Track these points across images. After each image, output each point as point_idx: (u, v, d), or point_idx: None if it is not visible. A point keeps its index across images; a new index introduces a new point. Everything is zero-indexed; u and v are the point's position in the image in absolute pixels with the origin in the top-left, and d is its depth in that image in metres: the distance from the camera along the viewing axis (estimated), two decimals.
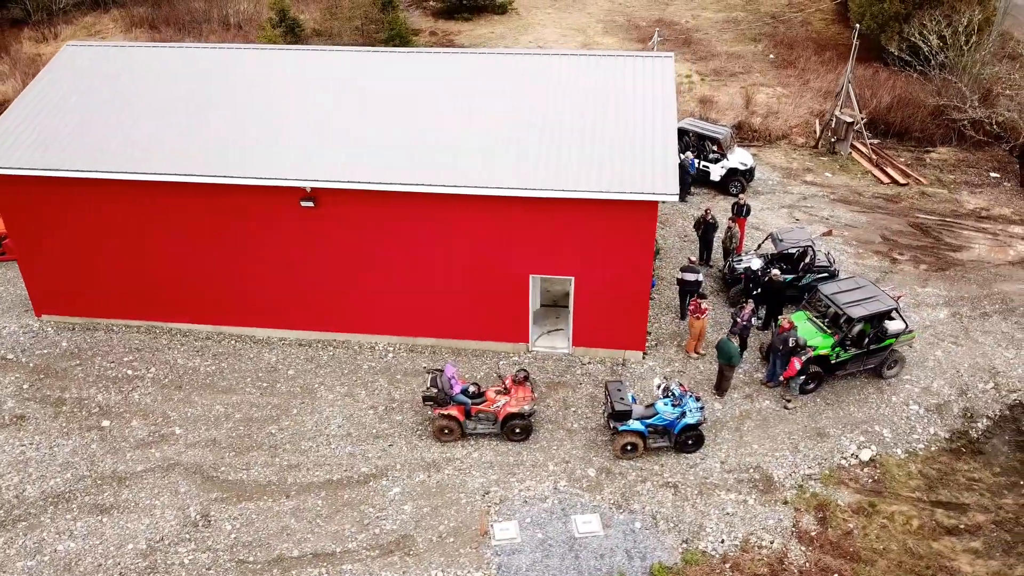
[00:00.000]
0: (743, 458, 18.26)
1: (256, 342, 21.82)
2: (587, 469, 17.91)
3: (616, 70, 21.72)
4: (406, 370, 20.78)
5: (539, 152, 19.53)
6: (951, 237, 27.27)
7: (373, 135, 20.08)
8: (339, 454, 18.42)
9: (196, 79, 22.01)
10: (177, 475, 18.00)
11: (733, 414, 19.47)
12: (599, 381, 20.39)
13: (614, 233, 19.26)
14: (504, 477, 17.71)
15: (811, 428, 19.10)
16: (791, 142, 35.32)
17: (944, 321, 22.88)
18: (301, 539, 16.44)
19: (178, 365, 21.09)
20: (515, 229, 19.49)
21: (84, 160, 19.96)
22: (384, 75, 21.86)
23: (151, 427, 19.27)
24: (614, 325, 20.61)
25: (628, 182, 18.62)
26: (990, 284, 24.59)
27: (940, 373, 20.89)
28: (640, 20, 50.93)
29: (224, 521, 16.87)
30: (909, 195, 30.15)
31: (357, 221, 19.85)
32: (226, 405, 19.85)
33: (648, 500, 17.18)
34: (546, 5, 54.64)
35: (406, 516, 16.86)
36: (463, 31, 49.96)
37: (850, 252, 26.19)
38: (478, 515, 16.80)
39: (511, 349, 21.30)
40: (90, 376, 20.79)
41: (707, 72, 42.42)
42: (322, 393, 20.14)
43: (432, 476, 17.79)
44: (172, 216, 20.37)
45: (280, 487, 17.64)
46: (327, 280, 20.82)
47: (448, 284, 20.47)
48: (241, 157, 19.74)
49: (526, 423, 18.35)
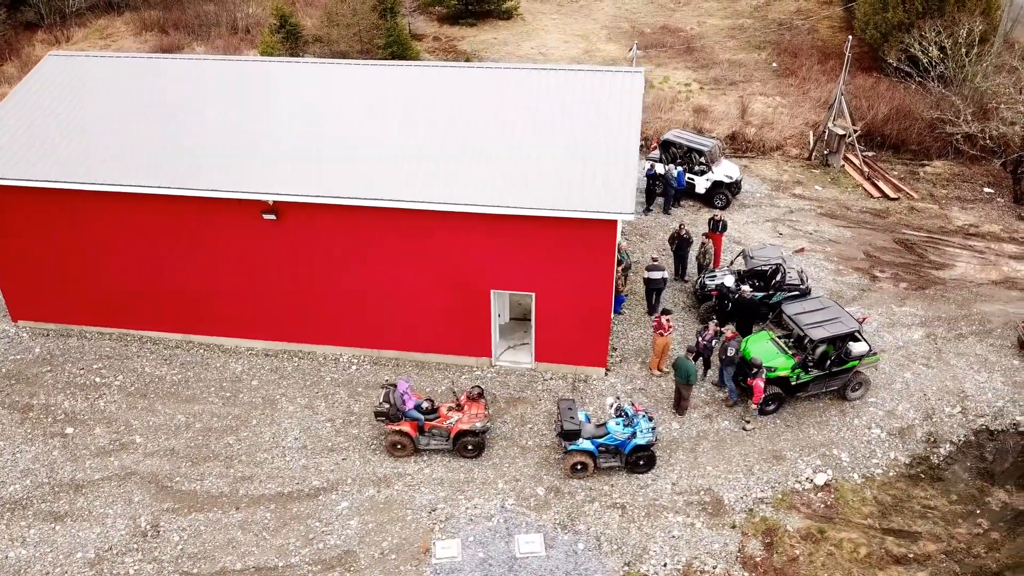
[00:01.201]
0: (695, 480, 18.13)
1: (224, 351, 22.04)
2: (536, 488, 17.89)
3: (584, 85, 21.64)
4: (368, 383, 20.89)
5: (499, 167, 19.53)
6: (936, 254, 26.86)
7: (337, 148, 20.21)
8: (293, 467, 18.57)
9: (170, 91, 22.27)
10: (133, 484, 18.25)
11: (690, 434, 19.34)
12: (558, 397, 20.35)
13: (573, 250, 19.21)
14: (453, 494, 17.74)
15: (768, 450, 18.92)
16: (785, 154, 35.00)
17: (918, 342, 22.54)
18: (246, 552, 16.60)
19: (145, 373, 21.37)
20: (475, 244, 19.52)
21: (57, 171, 20.28)
22: (351, 88, 21.99)
23: (113, 435, 19.55)
24: (575, 341, 20.56)
25: (584, 200, 18.56)
26: (970, 304, 24.18)
27: (907, 396, 20.58)
28: (645, 27, 50.73)
29: (173, 532, 17.08)
30: (898, 210, 29.73)
31: (319, 234, 19.97)
32: (187, 415, 20.08)
33: (594, 521, 17.12)
34: (551, 11, 54.60)
35: (351, 531, 16.96)
36: (467, 36, 50.07)
37: (830, 269, 25.89)
38: (422, 532, 16.84)
39: (474, 363, 21.33)
40: (59, 383, 21.13)
41: (707, 80, 42.15)
42: (283, 404, 20.30)
43: (382, 491, 17.87)
44: (142, 226, 20.63)
45: (231, 499, 17.82)
46: (291, 292, 20.98)
47: (410, 297, 20.55)
48: (206, 169, 19.94)
49: (478, 440, 18.37)
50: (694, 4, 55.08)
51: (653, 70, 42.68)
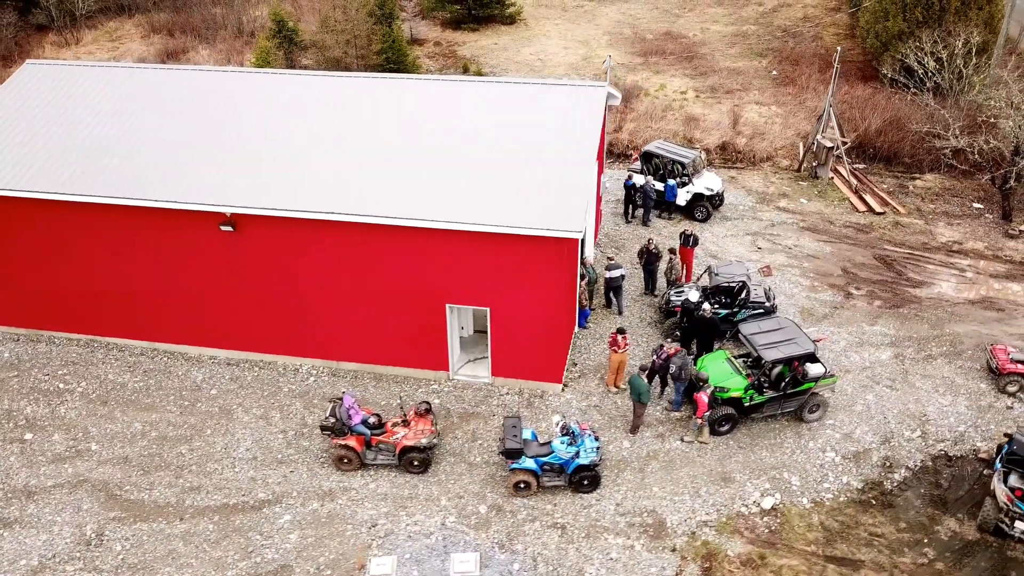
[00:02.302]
0: (640, 501, 18.00)
1: (187, 360, 22.26)
2: (479, 505, 17.87)
3: (548, 100, 21.55)
4: (324, 394, 20.98)
5: (454, 182, 19.53)
6: (915, 272, 26.43)
7: (295, 160, 20.32)
8: (241, 478, 18.70)
9: (138, 101, 22.51)
10: (83, 492, 18.48)
11: (640, 454, 19.20)
12: (510, 412, 20.31)
13: (526, 266, 19.16)
14: (395, 510, 17.78)
15: (717, 472, 18.73)
16: (775, 164, 34.65)
17: (885, 363, 22.20)
18: (184, 564, 16.74)
19: (108, 380, 21.64)
20: (429, 258, 19.53)
21: (24, 179, 20.61)
22: (315, 100, 22.09)
23: (70, 442, 19.81)
24: (531, 357, 20.50)
25: (534, 217, 18.50)
26: (943, 324, 23.77)
27: (867, 419, 20.28)
28: (647, 33, 50.45)
29: (116, 541, 17.27)
30: (882, 225, 29.30)
31: (276, 246, 20.10)
32: (145, 423, 20.31)
33: (533, 541, 17.06)
34: (555, 16, 54.46)
35: (290, 546, 17.04)
36: (468, 41, 50.10)
37: (804, 285, 25.58)
38: (360, 548, 16.89)
39: (432, 377, 21.35)
40: (24, 388, 21.46)
41: (704, 89, 41.82)
42: (238, 415, 20.46)
43: (325, 505, 17.94)
44: (106, 234, 20.90)
45: (177, 509, 17.99)
46: (251, 302, 21.14)
47: (367, 310, 20.61)
48: (166, 180, 20.15)
49: (424, 456, 18.38)
50: (699, 10, 54.69)
51: (650, 78, 42.40)
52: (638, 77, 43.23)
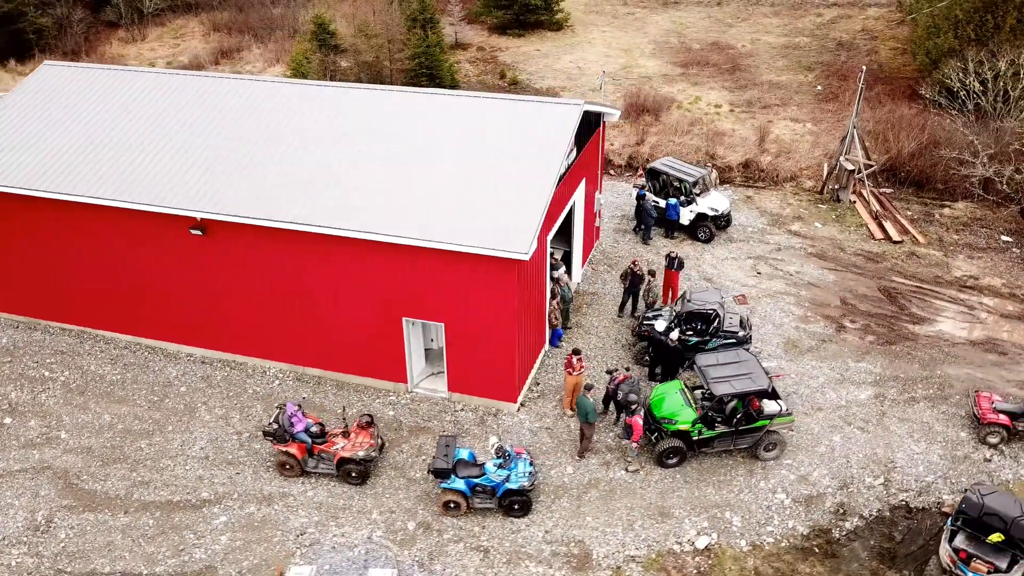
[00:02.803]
0: (571, 530, 17.72)
1: (166, 356, 23.04)
2: (408, 522, 17.93)
3: (518, 117, 21.38)
4: (286, 398, 21.37)
5: (413, 197, 19.62)
6: (919, 307, 25.15)
7: (263, 169, 20.75)
8: (189, 476, 19.26)
9: (135, 105, 23.35)
10: (44, 478, 19.36)
11: (582, 481, 18.90)
12: (463, 429, 20.30)
13: (479, 284, 19.11)
14: (326, 520, 18.00)
15: (656, 505, 18.28)
16: (798, 185, 33.50)
17: (862, 403, 21.22)
18: (118, 556, 17.37)
19: (89, 371, 22.59)
20: (386, 271, 19.69)
21: (21, 177, 21.70)
22: (288, 109, 22.42)
23: (43, 429, 20.78)
24: (486, 374, 20.44)
25: (484, 237, 18.42)
26: (936, 365, 22.56)
27: (828, 461, 19.44)
28: (694, 42, 49.48)
29: (62, 529, 18.04)
30: (896, 254, 27.98)
31: (243, 252, 20.59)
32: (114, 415, 21.12)
33: (453, 562, 17.02)
34: (604, 23, 53.97)
35: (219, 547, 17.47)
36: (511, 47, 50.13)
37: (796, 315, 24.67)
38: (283, 555, 17.18)
39: (392, 388, 21.51)
40: (13, 373, 22.61)
41: (740, 103, 40.76)
42: (201, 413, 21.06)
43: (261, 509, 18.32)
44: (94, 231, 21.76)
45: (124, 502, 18.66)
46: (222, 303, 21.72)
47: (330, 319, 20.91)
48: (143, 183, 20.90)
49: (361, 468, 18.55)
50: (753, 20, 53.32)
51: (686, 89, 41.51)
52: (674, 89, 42.43)
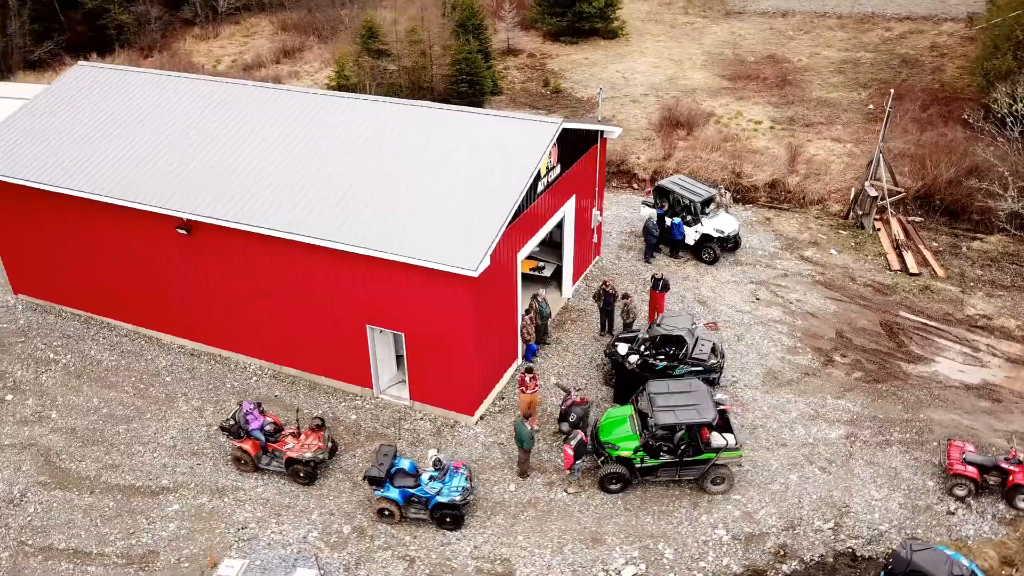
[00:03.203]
0: (499, 547, 17.85)
1: (160, 345, 24.27)
2: (344, 525, 18.42)
3: (497, 133, 21.52)
4: (261, 395, 22.22)
5: (380, 208, 20.07)
6: (919, 345, 24.06)
7: (245, 174, 21.58)
8: (155, 463, 20.30)
9: (150, 107, 24.61)
10: (28, 455, 20.75)
11: (521, 499, 18.99)
12: (418, 438, 20.67)
13: (436, 297, 19.42)
14: (268, 516, 18.68)
15: (591, 531, 18.20)
16: (824, 209, 32.45)
17: (831, 442, 20.52)
18: (74, 534, 18.49)
19: (89, 356, 24.02)
20: (351, 279, 20.23)
21: (36, 171, 23.25)
22: (279, 117, 23.12)
23: (38, 408, 22.25)
24: (445, 385, 20.74)
25: (438, 251, 18.71)
26: (920, 408, 21.58)
27: (779, 500, 18.91)
28: (749, 55, 48.42)
29: (32, 503, 19.32)
30: (909, 287, 26.81)
31: (224, 252, 21.51)
32: (103, 399, 22.42)
33: (378, 569, 17.42)
34: (661, 32, 53.37)
35: (166, 534, 18.37)
36: (561, 55, 50.18)
37: (785, 345, 24.00)
38: (221, 547, 17.93)
39: (359, 392, 22.07)
40: (24, 353, 24.26)
41: (782, 119, 39.71)
42: (179, 403, 22.13)
43: (212, 501, 19.15)
44: (98, 225, 23.08)
45: (91, 483, 19.83)
46: (208, 299, 22.74)
47: (302, 321, 21.63)
48: (137, 182, 22.08)
49: (308, 469, 19.14)
50: (816, 33, 51.76)
51: (729, 104, 40.64)
52: (716, 103, 41.64)
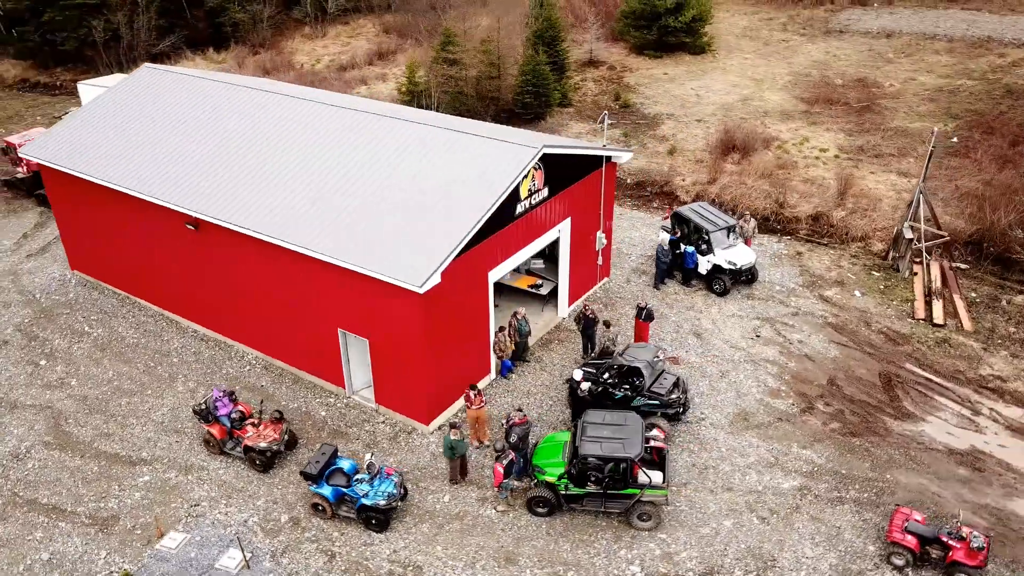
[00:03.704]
0: (416, 555, 18.59)
1: (178, 328, 26.46)
2: (283, 514, 19.68)
3: (479, 154, 22.11)
4: (248, 383, 23.91)
5: (352, 219, 21.17)
6: (915, 401, 22.85)
7: (243, 179, 23.24)
8: (142, 436, 22.31)
9: (191, 111, 26.81)
10: (43, 416, 23.26)
11: (451, 511, 19.63)
12: (375, 440, 21.69)
13: (392, 308, 20.34)
14: (220, 497, 20.22)
15: (508, 550, 18.62)
16: (866, 246, 31.09)
17: (782, 492, 19.97)
18: (56, 491, 20.68)
19: (117, 332, 26.51)
20: (323, 284, 21.47)
21: (88, 164, 25.89)
22: (292, 123, 24.65)
23: (63, 374, 24.85)
24: (404, 393, 21.65)
25: (392, 267, 19.61)
26: (889, 468, 20.59)
27: (705, 544, 18.65)
28: (838, 77, 46.48)
29: (34, 460, 21.72)
30: (926, 338, 25.40)
31: (225, 248, 23.27)
32: (117, 373, 24.76)
33: (300, 559, 18.55)
34: (751, 49, 52.12)
35: (131, 502, 20.24)
36: (641, 68, 49.95)
37: (767, 387, 23.39)
38: (171, 520, 19.61)
39: (334, 391, 23.34)
40: (65, 324, 27.08)
41: (851, 148, 38.15)
42: (178, 384, 24.13)
43: (178, 477, 20.91)
44: (134, 215, 25.42)
45: (85, 447, 22.04)
46: (215, 290, 24.64)
47: (289, 319, 23.11)
48: (162, 179, 24.22)
49: (264, 458, 20.55)
50: (918, 56, 49.09)
51: (799, 129, 39.35)
52: (784, 127, 40.42)
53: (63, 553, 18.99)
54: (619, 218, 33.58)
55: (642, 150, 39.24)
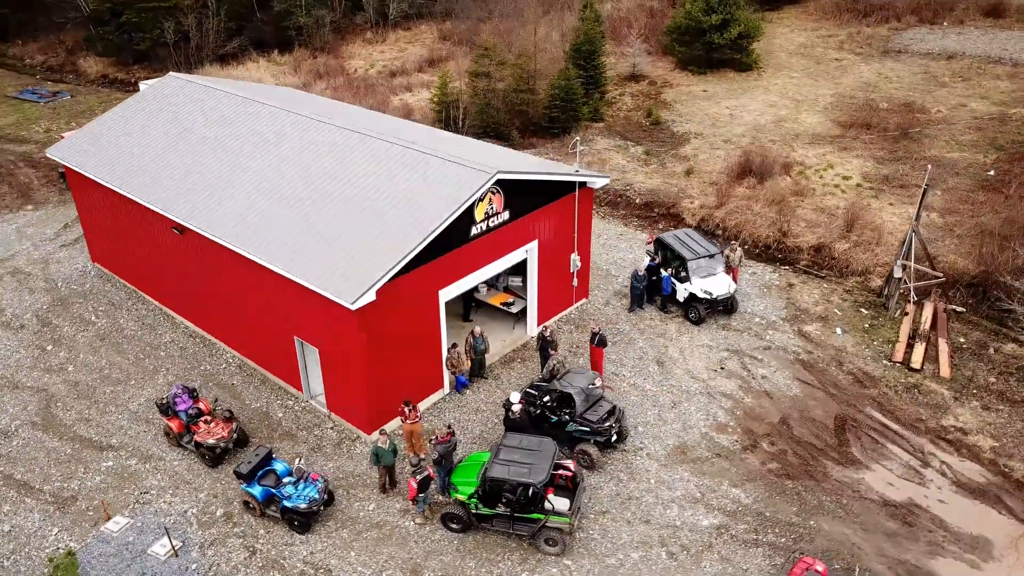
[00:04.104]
0: (330, 558, 19.54)
1: (172, 324, 28.29)
2: (219, 509, 20.98)
3: (438, 176, 22.79)
4: (220, 381, 25.42)
5: (302, 231, 22.31)
6: (863, 447, 22.36)
7: (220, 188, 24.72)
8: (115, 423, 24.08)
9: (198, 120, 28.58)
10: (37, 398, 25.35)
11: (373, 519, 20.49)
12: (320, 445, 22.78)
13: (335, 320, 21.35)
14: (169, 487, 21.70)
15: (415, 563, 19.34)
16: (865, 282, 30.35)
17: (698, 529, 19.99)
18: (30, 469, 22.60)
19: (118, 323, 28.56)
20: (280, 294, 22.69)
21: (98, 167, 28.05)
22: (276, 137, 26.00)
23: (63, 360, 26.99)
24: (349, 402, 22.66)
25: (328, 279, 20.63)
26: (815, 515, 20.29)
27: (607, 574, 18.88)
28: (884, 101, 45.02)
29: (18, 438, 23.74)
30: (895, 383, 24.73)
31: (200, 251, 24.82)
32: (109, 362, 26.73)
33: (224, 552, 19.78)
34: (800, 67, 51.06)
35: (90, 484, 21.96)
36: (682, 85, 49.65)
37: (714, 422, 23.32)
38: (119, 505, 21.20)
39: (295, 394, 24.58)
40: (76, 313, 29.33)
41: (876, 177, 37.09)
42: (159, 376, 25.87)
43: (137, 465, 22.53)
44: (137, 215, 27.32)
45: (65, 430, 23.95)
46: (199, 289, 26.29)
47: (253, 322, 24.48)
48: (158, 184, 26.01)
49: (212, 453, 21.92)
50: (975, 81, 47.11)
51: (826, 155, 38.50)
52: (812, 152, 39.59)
53: (21, 527, 20.81)
54: (618, 238, 33.77)
55: (660, 170, 39.15)
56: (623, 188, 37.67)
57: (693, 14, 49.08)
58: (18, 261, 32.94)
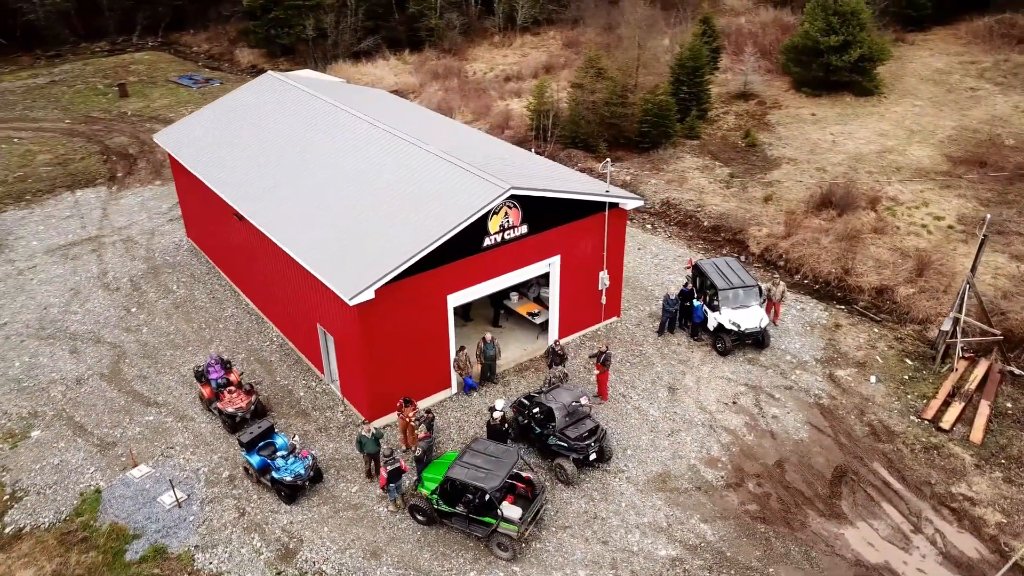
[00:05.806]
0: (304, 530, 21.21)
1: (237, 301, 31.07)
2: (226, 471, 23.19)
3: (459, 186, 23.91)
4: (261, 357, 27.81)
5: (334, 230, 24.10)
6: (856, 503, 21.53)
7: (271, 185, 26.99)
8: (165, 384, 26.93)
9: (279, 119, 31.22)
10: (111, 353, 28.74)
11: (351, 501, 21.97)
12: (327, 425, 24.57)
13: (342, 314, 23.02)
14: (192, 445, 24.13)
15: (376, 546, 20.59)
16: (923, 331, 28.77)
17: (655, 559, 20.09)
18: (88, 413, 25.66)
19: (193, 295, 31.72)
20: (306, 285, 24.63)
21: (189, 154, 31.32)
22: (339, 139, 28.01)
23: (139, 321, 30.37)
24: (356, 390, 24.30)
25: (335, 275, 22.30)
26: (777, 563, 19.88)
27: None
28: (1011, 139, 41.87)
29: (87, 386, 26.98)
30: (914, 442, 23.52)
31: (257, 239, 27.25)
32: (177, 328, 29.83)
33: (217, 509, 21.88)
34: (929, 95, 48.38)
35: (130, 434, 24.72)
36: (792, 106, 48.28)
37: (708, 456, 23.16)
38: (146, 455, 23.89)
39: (320, 377, 26.53)
40: (164, 282, 32.82)
41: (973, 221, 34.80)
42: (213, 346, 28.59)
43: (172, 422, 25.17)
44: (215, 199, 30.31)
45: (125, 384, 27.05)
46: (257, 273, 28.84)
47: (291, 307, 26.66)
48: (231, 175, 28.77)
49: (232, 421, 24.20)
50: None
51: (923, 192, 36.54)
52: (908, 188, 37.61)
53: (67, 462, 23.87)
54: (674, 260, 33.59)
55: (739, 194, 38.37)
56: (695, 209, 37.26)
57: (811, 34, 47.41)
58: (132, 231, 37.07)
